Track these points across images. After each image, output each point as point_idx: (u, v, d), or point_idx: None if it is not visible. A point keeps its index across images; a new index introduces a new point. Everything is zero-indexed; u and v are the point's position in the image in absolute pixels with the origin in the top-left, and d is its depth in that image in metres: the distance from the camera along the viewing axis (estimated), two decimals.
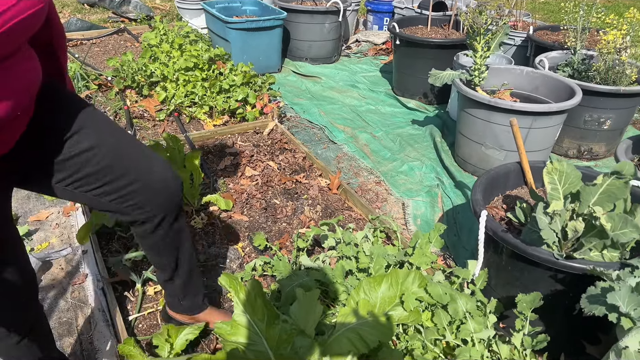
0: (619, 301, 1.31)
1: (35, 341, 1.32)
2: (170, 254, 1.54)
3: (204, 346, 1.87)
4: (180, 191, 1.42)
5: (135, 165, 1.29)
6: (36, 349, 1.34)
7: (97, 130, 1.22)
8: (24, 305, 1.24)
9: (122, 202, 1.30)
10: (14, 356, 1.31)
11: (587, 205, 1.67)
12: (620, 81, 3.05)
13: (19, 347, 1.28)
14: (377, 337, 1.43)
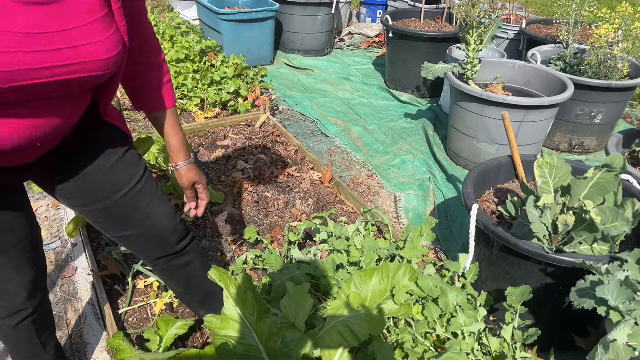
0: (608, 294, 1.31)
1: (38, 321, 1.35)
2: (176, 283, 1.57)
3: (194, 340, 1.86)
4: (179, 237, 1.43)
5: (136, 217, 1.31)
6: (34, 334, 1.37)
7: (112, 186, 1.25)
8: (39, 283, 1.30)
9: (115, 238, 1.36)
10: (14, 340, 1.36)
11: (577, 198, 1.67)
12: (612, 75, 3.06)
13: (22, 328, 1.31)
14: (367, 331, 1.43)
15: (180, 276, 1.53)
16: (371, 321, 1.45)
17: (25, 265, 1.22)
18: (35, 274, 1.27)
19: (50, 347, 1.48)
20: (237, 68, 3.73)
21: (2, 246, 1.16)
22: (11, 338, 1.37)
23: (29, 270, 1.24)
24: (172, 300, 2.00)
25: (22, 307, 1.28)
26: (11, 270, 1.20)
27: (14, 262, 1.19)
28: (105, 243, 2.32)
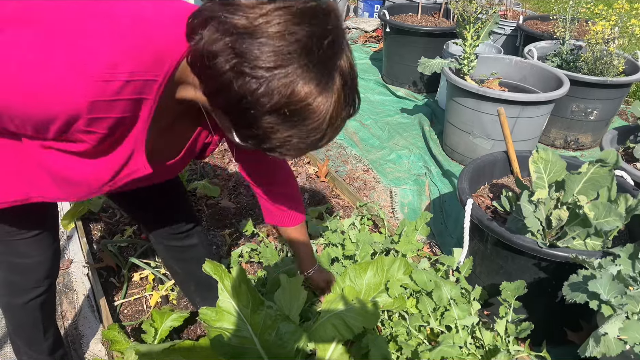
0: (600, 289, 1.33)
1: (45, 305, 1.43)
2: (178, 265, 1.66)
3: (189, 332, 1.87)
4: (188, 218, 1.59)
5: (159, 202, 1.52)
6: (39, 316, 1.43)
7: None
8: (55, 264, 1.38)
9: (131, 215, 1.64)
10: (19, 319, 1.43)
11: (571, 193, 1.68)
12: (608, 72, 3.07)
13: (30, 308, 1.38)
14: (361, 324, 1.44)
15: (184, 258, 1.59)
16: (365, 314, 1.46)
17: (49, 243, 1.31)
18: (54, 254, 1.34)
19: (50, 335, 1.52)
20: None
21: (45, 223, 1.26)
22: (17, 318, 1.43)
23: (48, 249, 1.31)
24: (167, 293, 2.01)
25: (36, 285, 1.35)
26: (37, 246, 1.27)
27: (43, 240, 1.27)
28: (100, 236, 2.32)
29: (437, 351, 1.43)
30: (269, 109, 0.83)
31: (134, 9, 0.89)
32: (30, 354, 1.51)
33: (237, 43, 0.80)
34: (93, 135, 0.88)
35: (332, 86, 0.85)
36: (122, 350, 1.58)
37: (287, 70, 0.80)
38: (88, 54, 0.80)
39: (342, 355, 1.45)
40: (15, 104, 0.81)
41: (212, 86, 0.86)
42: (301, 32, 0.81)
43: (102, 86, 0.81)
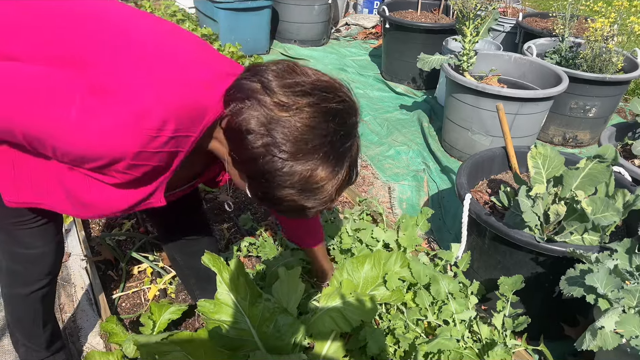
0: (597, 283, 1.33)
1: (46, 297, 1.44)
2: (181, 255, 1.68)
3: (187, 325, 1.87)
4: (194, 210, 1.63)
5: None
6: (40, 308, 1.44)
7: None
8: (60, 256, 1.41)
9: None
10: (20, 311, 1.44)
11: (569, 189, 1.68)
12: (607, 69, 3.07)
13: (32, 299, 1.40)
14: (359, 317, 1.44)
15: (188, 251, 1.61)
16: (363, 308, 1.47)
17: (53, 235, 1.32)
18: (57, 247, 1.36)
19: (49, 327, 1.53)
20: (233, 57, 3.71)
21: (50, 215, 1.24)
22: (18, 310, 1.44)
23: (51, 241, 1.32)
24: (166, 286, 2.01)
25: (39, 278, 1.37)
26: (41, 237, 1.28)
27: (47, 231, 1.28)
28: (99, 229, 2.32)
29: (435, 344, 1.44)
30: (288, 185, 0.96)
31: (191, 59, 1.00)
32: (28, 346, 1.52)
33: (270, 126, 0.91)
34: (127, 176, 0.96)
35: (341, 171, 0.99)
36: (120, 343, 1.58)
37: (310, 159, 0.94)
38: (145, 109, 0.88)
39: (339, 348, 1.45)
40: (67, 143, 0.88)
41: (240, 155, 0.98)
42: (328, 130, 0.94)
43: (150, 140, 0.90)
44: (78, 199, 1.05)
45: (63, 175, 1.02)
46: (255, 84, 0.95)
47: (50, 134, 0.87)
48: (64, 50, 0.92)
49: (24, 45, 0.92)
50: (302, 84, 0.95)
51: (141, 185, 1.02)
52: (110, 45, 0.94)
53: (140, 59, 0.94)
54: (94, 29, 0.97)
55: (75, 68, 0.90)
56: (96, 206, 1.05)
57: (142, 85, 0.90)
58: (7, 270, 1.34)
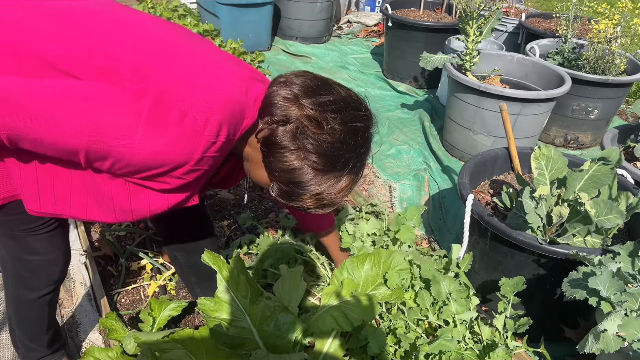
0: (600, 285, 1.33)
1: (52, 301, 1.45)
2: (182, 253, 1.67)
3: (187, 322, 1.87)
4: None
5: None
6: (46, 311, 1.45)
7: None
8: (66, 265, 1.40)
9: None
10: (26, 314, 1.44)
11: (572, 190, 1.68)
12: (609, 71, 3.06)
13: (39, 303, 1.40)
14: (360, 316, 1.44)
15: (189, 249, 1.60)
16: (364, 307, 1.46)
17: (60, 243, 1.32)
18: (64, 254, 1.35)
19: (51, 327, 1.53)
20: (235, 53, 3.69)
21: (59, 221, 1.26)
22: (24, 312, 1.44)
23: (59, 249, 1.32)
24: (165, 283, 2.00)
25: (48, 284, 1.37)
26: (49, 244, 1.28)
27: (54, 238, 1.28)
28: (99, 224, 2.31)
29: (436, 345, 1.43)
30: (315, 192, 1.08)
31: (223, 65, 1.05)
32: (28, 346, 1.51)
33: (305, 142, 1.01)
34: (181, 181, 1.02)
35: (360, 176, 1.14)
36: (120, 339, 1.57)
37: (339, 170, 1.06)
38: (206, 116, 0.94)
39: (339, 347, 1.45)
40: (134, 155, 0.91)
41: (275, 164, 1.06)
42: (356, 145, 1.06)
43: (211, 145, 0.96)
44: (119, 206, 1.07)
45: (102, 185, 1.04)
46: (289, 101, 1.02)
47: (117, 150, 0.90)
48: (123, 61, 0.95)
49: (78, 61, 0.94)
50: (334, 102, 1.04)
51: (186, 189, 1.08)
52: (160, 54, 0.99)
53: (188, 65, 1.00)
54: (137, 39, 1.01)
55: (138, 81, 0.93)
56: (136, 211, 1.08)
57: (198, 92, 0.96)
58: (15, 277, 1.34)
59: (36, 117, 0.85)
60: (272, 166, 1.06)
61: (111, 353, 1.52)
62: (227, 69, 1.06)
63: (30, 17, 0.97)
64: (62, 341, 1.63)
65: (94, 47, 0.95)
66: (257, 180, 1.17)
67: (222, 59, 1.09)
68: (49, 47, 0.93)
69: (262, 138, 1.06)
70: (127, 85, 0.93)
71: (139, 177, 0.99)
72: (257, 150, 1.09)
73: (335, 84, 1.10)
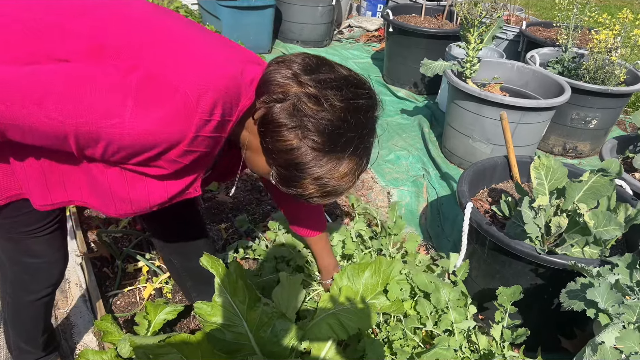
0: (598, 297, 1.32)
1: (49, 303, 1.44)
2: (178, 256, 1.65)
3: (182, 326, 1.86)
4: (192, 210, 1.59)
5: None
6: (42, 313, 1.45)
7: None
8: (64, 268, 1.39)
9: None
10: (23, 316, 1.43)
11: (571, 201, 1.68)
12: (609, 81, 3.07)
13: (37, 305, 1.40)
14: (357, 325, 1.43)
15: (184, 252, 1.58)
16: (361, 316, 1.45)
17: (59, 245, 1.31)
18: (63, 257, 1.34)
19: (46, 330, 1.52)
20: None
21: (59, 222, 1.25)
22: (21, 315, 1.43)
23: (57, 251, 1.31)
24: (161, 285, 1.99)
25: (47, 286, 1.36)
26: (48, 246, 1.27)
27: (53, 240, 1.27)
28: (95, 225, 2.30)
29: (432, 353, 1.43)
30: (316, 176, 1.01)
31: (218, 46, 1.02)
32: (23, 348, 1.50)
33: (304, 120, 0.95)
34: (176, 165, 0.98)
35: (364, 162, 1.07)
36: (115, 342, 1.56)
37: (341, 151, 1.00)
38: (198, 92, 0.90)
39: (336, 355, 1.44)
40: (125, 134, 0.87)
41: (273, 145, 1.00)
42: (358, 124, 1.00)
43: (205, 123, 0.92)
44: (117, 195, 1.04)
45: (99, 175, 1.01)
46: (288, 79, 0.98)
47: (107, 131, 0.86)
48: (110, 41, 0.92)
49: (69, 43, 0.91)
50: (334, 79, 0.98)
51: (183, 176, 1.04)
52: (148, 31, 0.96)
53: (179, 44, 0.96)
54: (128, 19, 0.98)
55: (124, 59, 0.90)
56: (136, 201, 1.05)
57: (190, 69, 0.92)
58: (14, 279, 1.33)
59: (23, 102, 0.82)
60: (270, 147, 1.01)
61: (105, 356, 1.50)
62: (223, 51, 1.03)
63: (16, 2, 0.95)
64: (56, 343, 1.63)
65: (83, 29, 0.93)
66: (257, 170, 1.12)
67: (219, 42, 1.06)
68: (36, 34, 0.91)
69: (259, 118, 1.01)
70: (115, 63, 0.89)
71: (134, 162, 0.95)
72: (255, 134, 1.04)
73: (336, 64, 1.04)
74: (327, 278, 1.80)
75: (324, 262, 1.78)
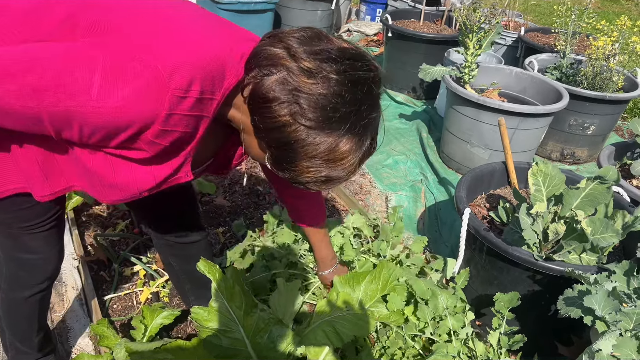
0: (595, 304, 1.32)
1: (43, 300, 1.44)
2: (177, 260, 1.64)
3: (179, 330, 1.85)
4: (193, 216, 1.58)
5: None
6: (37, 311, 1.44)
7: None
8: (60, 263, 1.38)
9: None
10: (17, 314, 1.43)
11: (569, 208, 1.68)
12: (607, 87, 3.08)
13: (30, 302, 1.39)
14: (352, 333, 1.42)
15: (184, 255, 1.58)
16: (357, 323, 1.45)
17: (56, 241, 1.30)
18: (59, 252, 1.34)
19: (41, 329, 1.51)
20: None
21: (58, 217, 1.24)
22: (14, 312, 1.42)
23: (54, 247, 1.31)
24: (158, 289, 1.99)
25: (41, 281, 1.35)
26: (45, 242, 1.26)
27: (51, 236, 1.27)
28: (92, 228, 2.29)
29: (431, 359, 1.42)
30: (312, 155, 0.93)
31: (206, 25, 0.98)
32: (19, 348, 1.49)
33: (298, 94, 0.88)
34: (156, 147, 0.93)
35: (366, 142, 0.98)
36: (111, 346, 1.55)
37: (336, 129, 0.91)
38: (172, 69, 0.85)
39: None
40: (95, 113, 0.83)
41: (264, 123, 0.93)
42: (355, 99, 0.91)
43: (179, 101, 0.87)
44: (105, 182, 1.01)
45: (86, 162, 0.99)
46: (279, 50, 0.91)
47: (77, 110, 0.83)
48: (86, 20, 0.90)
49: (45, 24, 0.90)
50: (328, 50, 0.91)
51: (169, 159, 0.99)
52: (127, 10, 0.93)
53: (159, 22, 0.93)
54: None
55: (95, 35, 0.87)
56: (124, 187, 1.01)
57: (165, 45, 0.88)
58: (9, 276, 1.33)
59: None
60: (261, 126, 0.94)
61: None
62: (214, 30, 0.98)
63: None
64: (53, 345, 1.62)
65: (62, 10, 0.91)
66: (253, 154, 1.07)
67: (212, 22, 1.01)
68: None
69: (248, 95, 0.95)
70: (86, 40, 0.86)
71: (113, 145, 0.91)
72: (246, 113, 0.98)
73: (334, 36, 0.97)
74: (324, 270, 1.79)
75: (322, 254, 1.77)
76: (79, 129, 0.86)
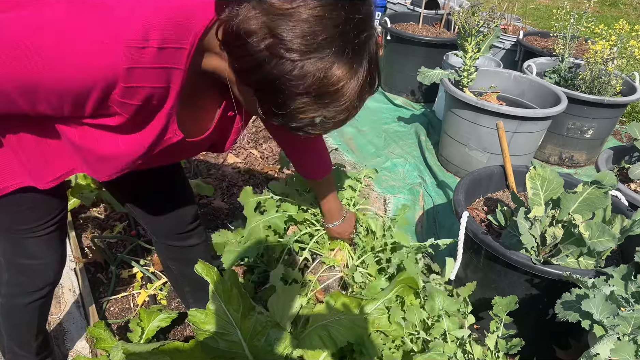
0: (593, 309, 1.32)
1: (43, 306, 1.42)
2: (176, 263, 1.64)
3: (176, 333, 1.85)
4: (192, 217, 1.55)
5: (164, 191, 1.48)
6: (37, 317, 1.43)
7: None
8: (62, 269, 1.37)
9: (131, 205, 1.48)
10: (17, 319, 1.41)
11: (567, 212, 1.68)
12: (605, 91, 3.09)
13: (30, 309, 1.38)
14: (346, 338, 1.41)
15: (183, 258, 1.57)
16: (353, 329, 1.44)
17: (57, 245, 1.29)
18: (60, 257, 1.33)
19: (40, 334, 1.51)
20: None
21: (58, 219, 1.23)
22: (14, 317, 1.41)
23: (56, 252, 1.30)
24: (156, 292, 1.98)
25: (42, 287, 1.34)
26: (47, 247, 1.25)
27: (52, 240, 1.26)
28: (90, 231, 2.29)
29: (426, 357, 1.42)
30: (302, 90, 0.84)
31: None
32: (16, 353, 1.49)
33: (273, 23, 0.79)
34: (129, 107, 0.87)
35: (360, 69, 0.87)
36: (107, 349, 1.55)
37: (322, 55, 0.82)
38: (122, 19, 0.79)
39: None
40: (54, 78, 0.79)
41: (243, 64, 0.85)
42: (338, 18, 0.81)
43: (138, 52, 0.80)
44: (94, 155, 0.98)
45: (72, 138, 0.96)
46: None
47: (37, 76, 0.79)
48: None
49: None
50: None
51: (149, 120, 0.94)
52: None
53: None
54: None
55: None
56: (113, 158, 0.98)
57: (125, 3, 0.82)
58: (9, 282, 1.32)
59: None
60: (240, 68, 0.87)
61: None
62: None
63: None
64: (50, 349, 1.61)
65: None
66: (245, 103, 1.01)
67: None
68: None
69: (222, 37, 0.87)
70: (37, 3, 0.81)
71: (88, 114, 0.88)
72: (224, 57, 0.90)
73: None
74: (330, 222, 1.79)
75: (328, 205, 1.75)
76: (46, 100, 0.83)
